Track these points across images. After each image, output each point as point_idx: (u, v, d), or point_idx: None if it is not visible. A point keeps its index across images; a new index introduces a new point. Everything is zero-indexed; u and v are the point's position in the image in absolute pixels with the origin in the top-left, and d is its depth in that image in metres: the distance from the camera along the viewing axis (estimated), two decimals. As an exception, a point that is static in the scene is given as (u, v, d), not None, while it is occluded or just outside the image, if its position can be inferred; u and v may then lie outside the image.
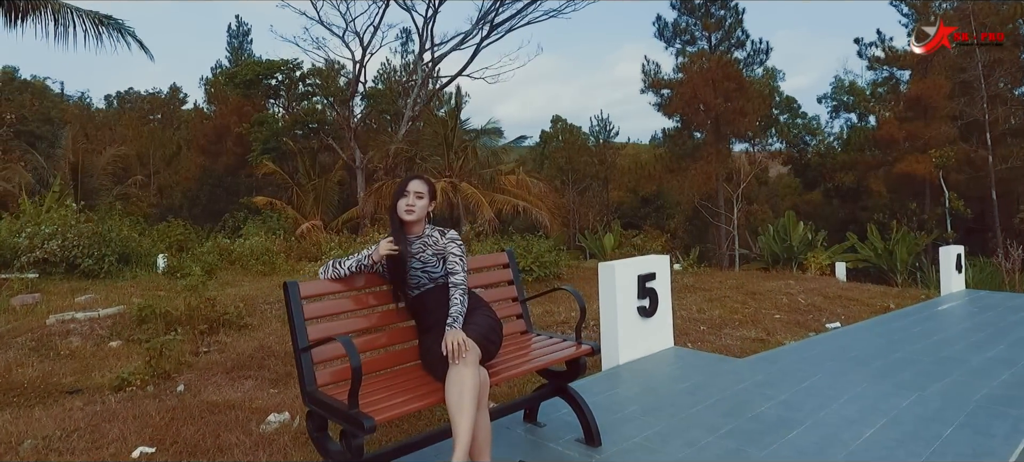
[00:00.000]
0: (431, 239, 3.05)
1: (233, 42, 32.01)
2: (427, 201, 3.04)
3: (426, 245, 3.03)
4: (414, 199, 2.99)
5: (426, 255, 3.00)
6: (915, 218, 23.89)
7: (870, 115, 30.32)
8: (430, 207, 3.06)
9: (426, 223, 3.10)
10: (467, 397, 2.45)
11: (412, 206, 2.98)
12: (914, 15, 25.72)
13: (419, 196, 3.01)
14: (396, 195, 3.04)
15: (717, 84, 23.61)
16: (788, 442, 3.18)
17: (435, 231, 3.10)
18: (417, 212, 2.99)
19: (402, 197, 3.01)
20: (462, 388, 2.47)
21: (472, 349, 2.59)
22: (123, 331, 6.41)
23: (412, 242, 3.02)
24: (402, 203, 3.00)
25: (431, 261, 2.99)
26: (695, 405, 3.75)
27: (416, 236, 3.05)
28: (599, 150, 36.87)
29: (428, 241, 3.04)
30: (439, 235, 3.07)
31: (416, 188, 3.02)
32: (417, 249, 3.02)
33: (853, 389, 4.03)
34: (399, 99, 24.73)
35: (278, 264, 13.32)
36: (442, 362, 2.64)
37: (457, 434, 2.42)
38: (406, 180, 3.08)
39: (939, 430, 3.29)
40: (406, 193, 3.01)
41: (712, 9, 25.92)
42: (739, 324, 7.47)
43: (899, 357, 5.29)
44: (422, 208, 3.01)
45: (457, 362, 2.54)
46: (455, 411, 2.44)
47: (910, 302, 9.20)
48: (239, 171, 27.76)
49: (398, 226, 3.02)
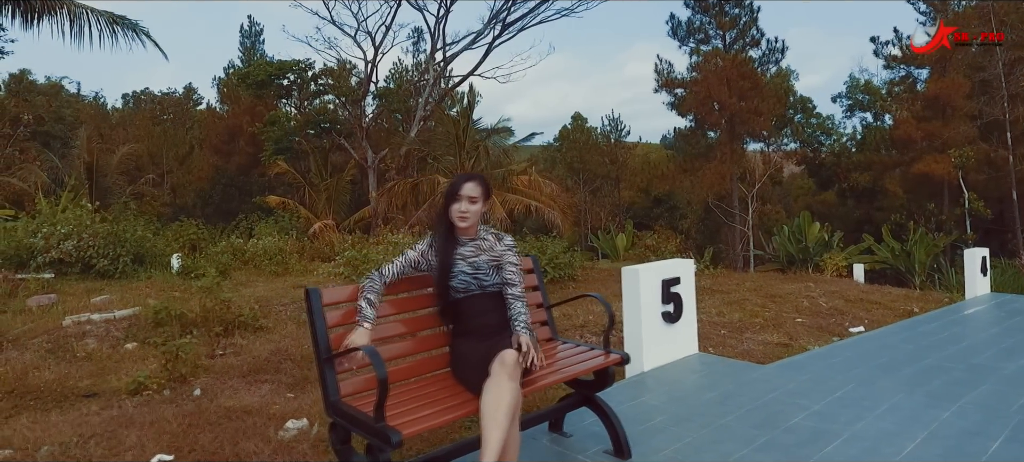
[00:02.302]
0: (486, 243, 2.89)
1: (245, 42, 32.13)
2: (481, 204, 2.83)
3: (480, 249, 2.86)
4: (468, 204, 2.79)
5: (479, 260, 2.83)
6: (933, 219, 23.53)
7: (886, 114, 29.95)
8: (484, 208, 2.86)
9: (479, 225, 2.91)
10: (503, 411, 2.35)
11: (466, 213, 2.79)
12: (932, 13, 25.37)
13: (473, 200, 2.80)
14: (448, 197, 2.83)
15: (732, 83, 23.38)
16: (826, 456, 3.06)
17: (489, 234, 2.93)
18: (471, 218, 2.81)
19: (455, 201, 2.80)
20: (500, 401, 2.37)
21: (517, 363, 2.49)
22: (138, 333, 6.36)
23: (463, 244, 2.85)
24: (455, 208, 2.80)
25: (483, 267, 2.82)
26: (725, 415, 3.63)
27: (469, 239, 2.87)
28: (610, 149, 36.69)
29: (482, 245, 2.87)
30: (495, 240, 2.91)
31: (470, 192, 2.80)
32: (469, 252, 2.84)
33: (888, 399, 3.90)
34: (410, 98, 24.70)
35: (291, 264, 13.29)
36: (475, 370, 2.55)
37: (487, 446, 2.33)
38: (459, 181, 2.85)
39: (984, 444, 3.15)
40: (459, 197, 2.80)
41: (726, 7, 25.67)
42: (760, 328, 7.32)
43: (929, 364, 5.15)
44: (476, 213, 2.82)
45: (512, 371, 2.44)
46: (489, 422, 2.34)
47: (934, 306, 9.02)
48: (251, 170, 27.85)
49: (446, 230, 2.84)
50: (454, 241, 2.84)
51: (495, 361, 2.48)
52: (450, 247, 2.82)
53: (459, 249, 2.83)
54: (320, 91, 23.38)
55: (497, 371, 2.44)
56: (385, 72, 28.99)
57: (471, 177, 2.86)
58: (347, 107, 23.20)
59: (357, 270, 9.37)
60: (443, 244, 2.82)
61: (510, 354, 2.49)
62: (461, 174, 2.91)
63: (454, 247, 2.82)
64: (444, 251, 2.80)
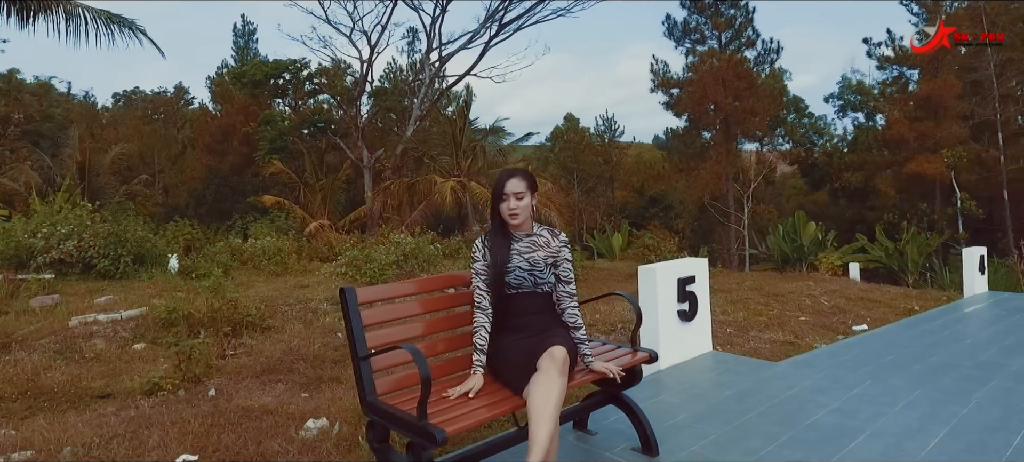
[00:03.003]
0: (541, 239, 2.87)
1: (239, 41, 31.94)
2: (529, 199, 2.81)
3: (536, 245, 2.85)
4: (514, 201, 2.78)
5: (536, 257, 2.81)
6: (925, 219, 23.79)
7: (878, 115, 30.22)
8: (533, 201, 2.84)
9: (533, 220, 2.89)
10: (552, 407, 2.37)
11: (515, 210, 2.78)
12: (925, 14, 25.62)
13: (519, 196, 2.79)
14: (494, 197, 2.84)
15: (728, 83, 23.51)
16: (851, 452, 3.10)
17: (545, 231, 2.91)
18: (521, 213, 2.79)
19: (501, 200, 2.81)
20: (549, 397, 2.38)
21: (566, 359, 2.51)
22: (146, 333, 6.34)
23: (519, 239, 2.85)
24: (504, 207, 2.80)
25: (540, 264, 2.80)
26: (746, 413, 3.67)
27: (524, 234, 2.86)
28: (604, 149, 36.79)
29: (537, 241, 2.86)
30: (550, 236, 2.89)
31: (514, 189, 2.79)
32: (525, 248, 2.83)
33: (905, 396, 3.95)
34: (405, 98, 24.66)
35: (290, 264, 13.25)
36: (516, 368, 2.57)
37: (535, 441, 2.33)
38: (502, 179, 2.83)
39: (1006, 438, 3.20)
40: (505, 196, 2.79)
41: (722, 8, 25.82)
42: (765, 327, 7.38)
43: (937, 362, 5.21)
44: (525, 208, 2.80)
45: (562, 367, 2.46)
46: (538, 418, 2.35)
47: (933, 304, 9.12)
48: (245, 170, 27.68)
49: (500, 227, 2.85)
50: (509, 237, 2.84)
51: (544, 357, 2.48)
52: (505, 244, 2.82)
53: (515, 245, 2.82)
54: (315, 90, 23.27)
55: (547, 367, 2.45)
56: (380, 72, 28.95)
57: (513, 173, 2.84)
58: (342, 107, 23.13)
59: (360, 270, 9.35)
60: (498, 241, 2.82)
61: (560, 350, 2.50)
62: (503, 171, 2.91)
63: (509, 243, 2.82)
64: (499, 249, 2.80)
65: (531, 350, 2.57)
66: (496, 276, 2.78)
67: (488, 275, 2.79)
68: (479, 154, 21.10)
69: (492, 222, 2.88)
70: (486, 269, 2.81)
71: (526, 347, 2.61)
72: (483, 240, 2.88)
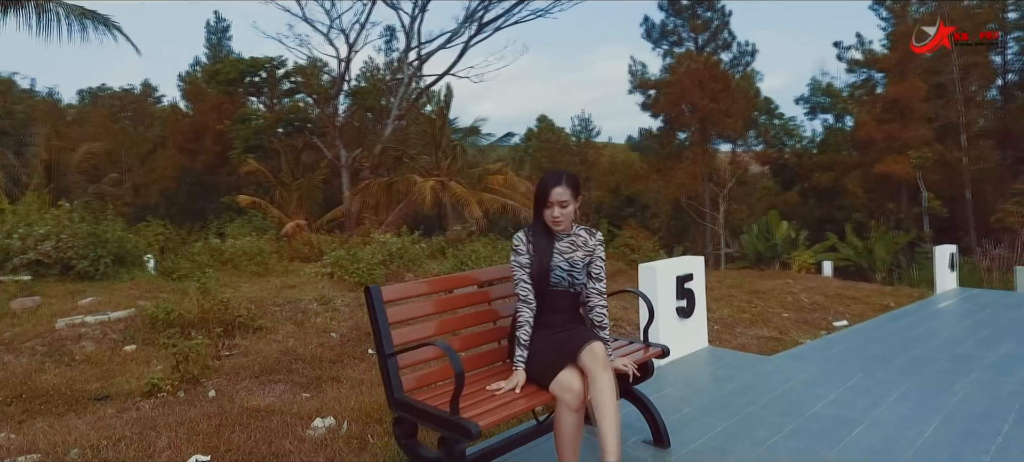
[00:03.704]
0: (579, 239, 2.88)
1: (211, 38, 31.38)
2: (572, 206, 2.79)
3: (575, 245, 2.86)
4: (558, 210, 2.75)
5: (575, 257, 2.84)
6: (892, 218, 24.51)
7: (847, 116, 31.00)
8: (577, 205, 2.82)
9: (572, 222, 2.90)
10: (614, 405, 2.47)
11: (558, 218, 2.77)
12: (892, 19, 26.40)
13: (563, 205, 2.76)
14: (538, 203, 2.83)
15: (704, 85, 23.91)
16: (854, 440, 3.23)
17: (582, 230, 2.92)
18: (564, 222, 2.79)
19: (545, 208, 2.79)
20: (609, 397, 2.47)
21: (605, 354, 2.58)
22: (137, 334, 6.25)
23: (560, 239, 2.86)
24: (547, 214, 2.79)
25: (578, 265, 2.83)
26: (749, 405, 3.79)
27: (564, 234, 2.87)
28: (580, 149, 37.08)
29: (577, 241, 2.87)
30: (587, 235, 2.91)
31: (559, 197, 2.75)
32: (565, 248, 2.84)
33: (896, 387, 4.11)
34: (383, 97, 24.54)
35: (271, 265, 13.12)
36: (544, 363, 2.62)
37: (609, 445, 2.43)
38: (547, 185, 2.78)
39: (996, 426, 3.38)
40: (550, 203, 2.76)
41: (699, 10, 26.26)
42: (750, 323, 7.57)
43: (918, 355, 5.42)
44: (568, 215, 2.78)
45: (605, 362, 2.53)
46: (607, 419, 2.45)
47: (907, 300, 9.43)
48: (219, 169, 27.27)
49: (542, 228, 2.84)
50: (552, 237, 2.85)
51: (586, 355, 2.52)
52: (549, 244, 2.83)
53: (557, 245, 2.84)
54: (292, 89, 23.03)
55: (593, 368, 2.48)
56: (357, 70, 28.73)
57: (558, 179, 2.79)
58: (319, 105, 22.93)
59: (348, 271, 9.31)
60: (541, 242, 2.82)
61: (599, 346, 2.56)
62: (549, 175, 2.84)
63: (552, 243, 2.84)
64: (543, 251, 2.80)
65: (560, 346, 2.63)
66: (540, 276, 2.79)
67: (531, 271, 2.80)
68: (459, 154, 21.07)
69: (535, 220, 2.87)
70: (530, 264, 2.81)
71: (555, 343, 2.67)
72: (526, 235, 2.87)
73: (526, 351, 2.73)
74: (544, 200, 2.77)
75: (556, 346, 2.65)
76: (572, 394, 2.49)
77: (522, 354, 2.73)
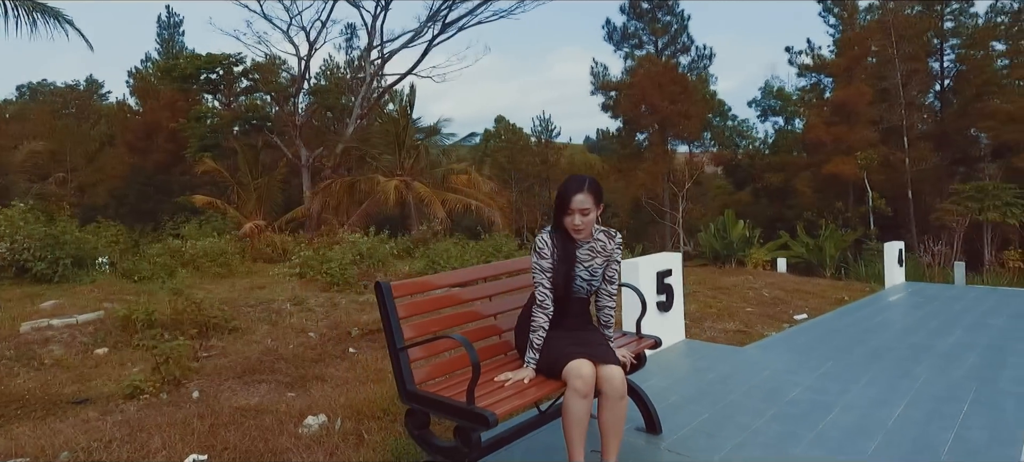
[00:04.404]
0: (599, 244, 2.87)
1: (164, 34, 30.39)
2: (594, 215, 2.74)
3: (595, 252, 2.85)
4: (579, 218, 2.71)
5: (594, 263, 2.85)
6: (840, 216, 25.54)
7: (797, 119, 32.16)
8: (598, 213, 2.78)
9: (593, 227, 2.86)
10: (622, 425, 2.72)
11: (579, 227, 2.73)
12: (840, 26, 27.54)
13: (585, 213, 2.71)
14: (558, 210, 2.77)
15: (664, 87, 24.48)
16: (830, 423, 3.46)
17: (601, 234, 2.89)
18: (585, 230, 2.75)
19: (566, 215, 2.73)
20: (619, 420, 2.68)
21: (623, 382, 2.72)
22: (108, 337, 6.10)
23: (580, 246, 2.84)
24: (568, 221, 2.74)
25: (597, 272, 2.85)
26: (731, 393, 4.00)
27: (584, 241, 2.84)
28: (541, 150, 37.39)
29: (596, 247, 2.86)
30: (607, 239, 2.90)
31: (581, 205, 2.69)
32: (586, 256, 2.84)
33: (864, 374, 4.39)
34: (343, 97, 24.27)
35: (234, 266, 12.88)
36: (554, 352, 2.71)
37: (611, 450, 2.69)
38: (568, 192, 2.72)
39: (957, 407, 3.66)
40: (571, 211, 2.71)
41: (659, 15, 26.87)
42: (717, 318, 7.86)
43: (876, 345, 5.75)
44: (589, 223, 2.74)
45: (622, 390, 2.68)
46: (612, 435, 2.67)
47: (860, 295, 9.92)
48: (172, 169, 26.47)
49: (563, 235, 2.79)
50: (573, 244, 2.82)
51: (604, 383, 2.62)
52: (572, 253, 2.80)
53: (578, 253, 2.83)
54: (250, 87, 22.53)
55: (611, 394, 2.62)
56: (315, 68, 28.29)
57: (580, 186, 2.71)
58: (278, 104, 22.51)
59: (320, 271, 9.25)
60: (564, 250, 2.79)
61: (618, 374, 2.65)
62: (570, 181, 2.77)
63: (574, 252, 2.82)
64: (566, 259, 2.78)
65: (578, 343, 2.72)
66: (563, 285, 2.79)
67: (552, 278, 2.78)
68: (422, 154, 21.02)
69: (555, 225, 2.82)
70: (552, 270, 2.77)
71: (571, 340, 2.75)
72: (550, 239, 2.80)
73: (537, 354, 2.76)
74: (565, 207, 2.72)
75: (572, 342, 2.72)
76: (582, 381, 2.55)
77: (534, 355, 2.76)
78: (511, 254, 11.52)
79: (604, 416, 2.68)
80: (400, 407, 4.21)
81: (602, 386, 2.62)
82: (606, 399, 2.65)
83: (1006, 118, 23.39)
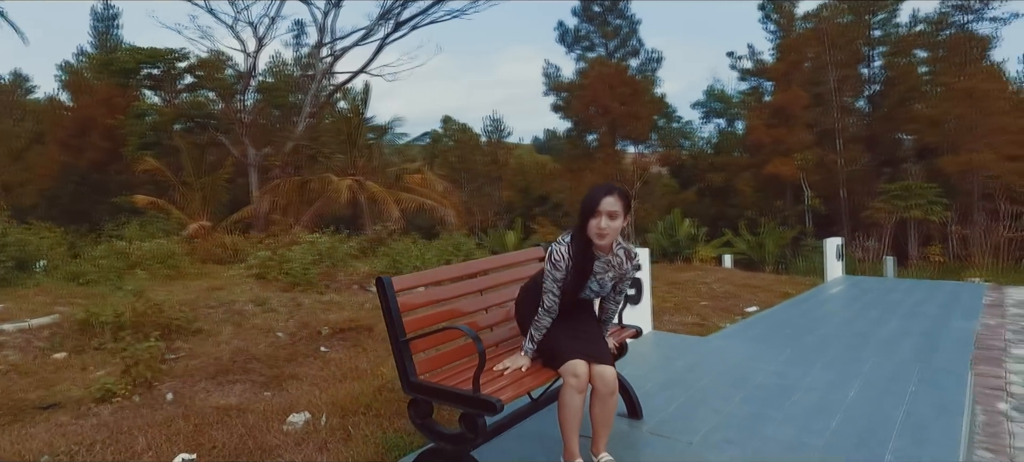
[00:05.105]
0: (616, 260, 2.81)
1: (98, 26, 28.99)
2: (621, 220, 2.64)
3: (609, 266, 2.79)
4: (607, 221, 2.60)
5: (606, 278, 2.82)
6: (779, 215, 26.74)
7: (738, 121, 33.42)
8: (625, 223, 2.68)
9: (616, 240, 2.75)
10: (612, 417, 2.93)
11: (604, 231, 2.61)
12: (780, 32, 28.81)
13: (613, 217, 2.61)
14: (585, 211, 2.65)
15: (615, 89, 25.04)
16: (796, 402, 3.74)
17: (621, 250, 2.81)
18: (610, 236, 2.64)
19: (593, 217, 2.61)
20: (610, 412, 2.88)
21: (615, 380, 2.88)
22: (65, 341, 5.90)
23: (598, 258, 2.75)
24: (593, 224, 2.61)
25: (607, 285, 2.86)
26: (701, 379, 4.25)
27: (602, 255, 2.75)
28: (491, 149, 37.56)
29: (612, 262, 2.80)
30: (625, 257, 2.83)
31: (610, 207, 2.60)
32: (600, 269, 2.77)
33: (817, 360, 4.72)
34: (292, 94, 23.77)
35: (183, 267, 12.49)
36: (554, 346, 2.84)
37: (601, 439, 2.88)
38: (598, 194, 2.63)
39: (904, 386, 4.01)
40: (598, 213, 2.60)
41: (610, 18, 27.46)
42: (674, 311, 8.19)
43: (824, 333, 6.15)
44: (616, 230, 2.64)
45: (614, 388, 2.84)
46: (603, 426, 2.86)
47: (803, 288, 10.46)
48: (108, 167, 25.30)
49: (584, 246, 2.69)
50: (591, 257, 2.73)
51: (598, 380, 2.76)
52: (588, 266, 2.73)
53: (595, 264, 2.76)
54: (195, 84, 21.79)
55: (603, 391, 2.78)
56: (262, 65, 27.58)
57: (611, 190, 2.64)
58: (224, 101, 21.87)
59: (281, 271, 9.12)
60: (581, 263, 2.72)
61: (611, 374, 2.79)
62: (599, 186, 2.69)
63: (591, 263, 2.74)
64: (582, 270, 2.73)
65: (576, 338, 2.84)
66: (574, 292, 2.79)
67: (562, 287, 2.76)
68: (375, 152, 20.82)
69: (577, 234, 2.71)
70: (565, 279, 2.74)
71: (570, 332, 2.86)
72: (567, 250, 2.73)
73: (535, 347, 2.87)
74: (593, 209, 2.62)
75: (572, 336, 2.83)
76: (578, 379, 2.70)
77: (532, 346, 2.87)
78: (471, 253, 11.61)
79: (596, 410, 2.86)
80: (383, 403, 4.30)
81: (595, 383, 2.78)
82: (598, 395, 2.82)
83: (928, 122, 24.99)
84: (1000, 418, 3.80)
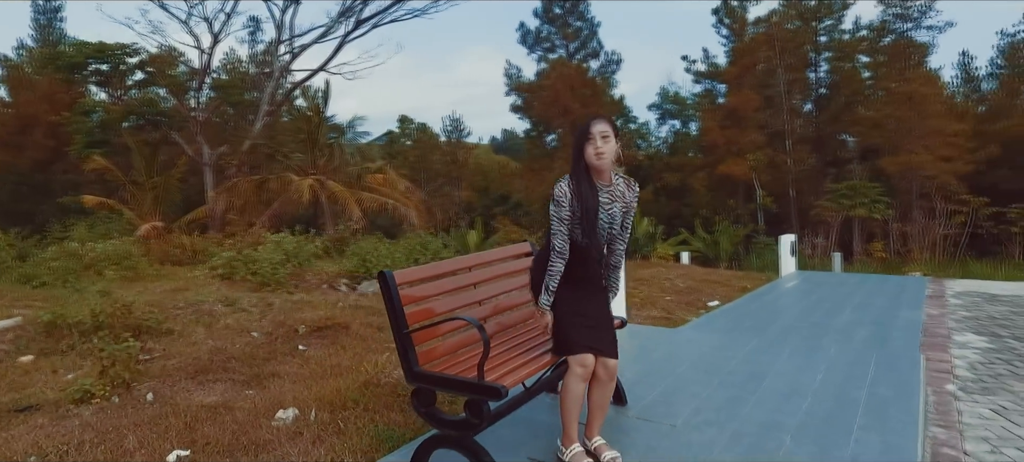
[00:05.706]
0: (618, 190, 2.89)
1: (40, 19, 27.71)
2: (614, 141, 2.78)
3: (614, 197, 2.87)
4: (601, 142, 2.73)
5: (614, 210, 2.87)
6: (733, 213, 27.59)
7: (692, 122, 34.30)
8: (618, 146, 2.81)
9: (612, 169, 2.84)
10: (608, 404, 3.15)
11: (601, 151, 2.74)
12: (733, 37, 29.70)
13: (605, 137, 2.74)
14: (579, 142, 2.79)
15: (576, 90, 25.38)
16: (768, 387, 3.99)
17: (620, 180, 2.92)
18: (608, 154, 2.75)
19: (588, 142, 2.75)
20: (607, 398, 3.09)
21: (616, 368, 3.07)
22: (30, 344, 5.75)
23: (600, 189, 2.84)
24: (590, 149, 2.75)
25: (617, 218, 2.88)
26: (677, 367, 4.46)
27: (605, 184, 2.85)
28: (450, 149, 37.54)
29: (615, 192, 2.88)
30: (626, 187, 2.93)
31: (601, 129, 2.75)
32: (606, 200, 2.85)
33: (784, 348, 5.01)
34: (247, 93, 23.27)
35: (141, 268, 12.17)
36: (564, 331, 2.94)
37: (595, 423, 3.09)
38: (588, 124, 2.79)
39: (864, 370, 4.31)
40: (591, 136, 2.75)
41: (570, 20, 27.82)
42: (641, 306, 8.46)
43: (785, 324, 6.50)
44: (612, 150, 2.76)
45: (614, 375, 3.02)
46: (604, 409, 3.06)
47: (760, 283, 10.92)
48: (52, 167, 24.28)
49: (584, 174, 2.79)
50: (594, 187, 2.81)
51: (601, 369, 2.94)
52: (593, 191, 2.81)
53: (600, 195, 2.83)
54: (146, 80, 21.09)
55: (604, 377, 2.98)
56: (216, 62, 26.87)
57: (598, 117, 2.82)
58: (178, 98, 21.26)
59: (250, 271, 9.01)
60: (585, 189, 2.79)
61: (614, 364, 2.98)
62: (589, 117, 2.88)
63: (596, 193, 2.81)
64: (588, 196, 2.78)
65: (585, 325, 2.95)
66: (590, 223, 2.80)
67: (574, 222, 2.80)
68: (337, 151, 20.60)
69: (576, 168, 2.81)
70: (572, 216, 2.79)
71: (580, 318, 2.94)
72: (568, 186, 2.81)
73: (553, 297, 2.90)
74: (586, 136, 2.76)
75: (581, 322, 2.93)
76: (585, 369, 2.90)
77: (548, 298, 2.89)
78: (438, 252, 11.69)
79: (594, 396, 3.03)
80: (371, 397, 4.37)
81: (598, 371, 2.96)
82: (598, 381, 2.99)
83: (870, 124, 26.20)
84: (949, 398, 4.12)
